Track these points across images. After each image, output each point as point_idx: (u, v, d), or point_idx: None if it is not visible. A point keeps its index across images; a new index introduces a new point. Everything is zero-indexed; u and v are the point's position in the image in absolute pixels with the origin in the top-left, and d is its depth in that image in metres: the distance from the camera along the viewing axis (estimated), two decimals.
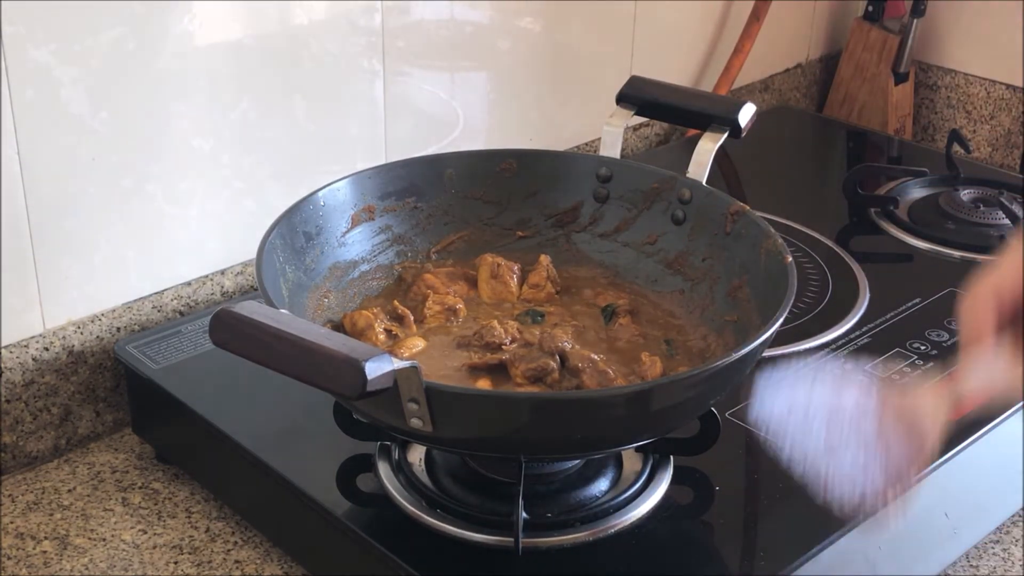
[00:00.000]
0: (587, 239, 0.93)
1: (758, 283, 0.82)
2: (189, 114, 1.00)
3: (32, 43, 0.89)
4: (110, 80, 0.94)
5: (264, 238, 0.79)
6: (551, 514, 0.78)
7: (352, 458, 0.84)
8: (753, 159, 1.36)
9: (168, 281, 1.04)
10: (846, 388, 0.65)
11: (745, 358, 0.70)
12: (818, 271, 1.11)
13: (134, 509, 0.92)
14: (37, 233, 0.94)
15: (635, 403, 0.70)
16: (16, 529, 0.90)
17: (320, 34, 1.06)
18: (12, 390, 0.95)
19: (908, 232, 1.20)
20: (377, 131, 1.14)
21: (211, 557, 0.87)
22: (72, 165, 0.94)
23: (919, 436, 0.63)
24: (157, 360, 0.95)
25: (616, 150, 0.94)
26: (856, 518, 0.78)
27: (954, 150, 1.30)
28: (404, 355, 0.80)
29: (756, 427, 0.88)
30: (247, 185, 1.06)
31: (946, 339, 0.99)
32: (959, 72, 1.55)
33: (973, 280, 0.64)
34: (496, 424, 0.69)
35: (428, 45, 1.16)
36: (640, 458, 0.83)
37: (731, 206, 0.86)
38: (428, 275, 0.89)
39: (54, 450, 0.99)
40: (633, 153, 1.42)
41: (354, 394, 0.61)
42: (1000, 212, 1.19)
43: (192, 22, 0.97)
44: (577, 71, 1.32)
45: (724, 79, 1.47)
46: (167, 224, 1.02)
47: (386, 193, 0.91)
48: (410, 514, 0.79)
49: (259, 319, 0.64)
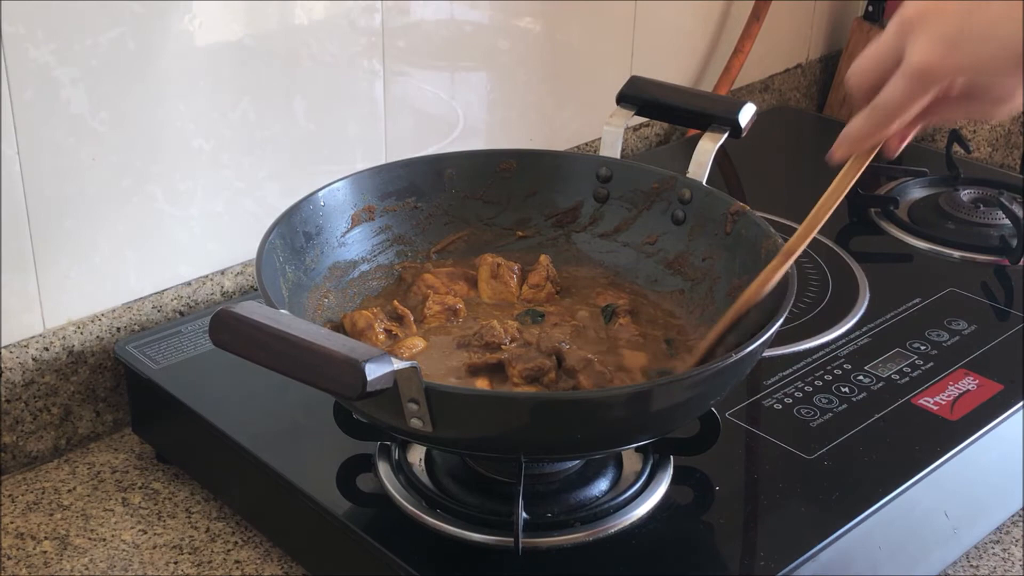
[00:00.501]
0: (587, 239, 0.93)
1: None
2: (189, 114, 1.00)
3: (32, 43, 0.89)
4: (110, 80, 0.94)
5: (264, 238, 0.79)
6: (551, 514, 0.78)
7: (352, 458, 0.84)
8: (753, 159, 1.36)
9: (168, 281, 1.04)
10: None
11: (745, 358, 0.70)
12: (818, 271, 1.11)
13: (134, 509, 0.92)
14: (37, 233, 0.94)
15: (635, 403, 0.70)
16: (16, 529, 0.90)
17: (320, 34, 1.06)
18: (12, 390, 0.95)
19: (908, 232, 1.20)
20: (377, 131, 1.14)
21: (211, 557, 0.87)
22: (72, 165, 0.94)
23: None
24: (157, 360, 0.95)
25: (616, 150, 0.94)
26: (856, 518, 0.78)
27: (954, 150, 1.30)
28: (404, 355, 0.80)
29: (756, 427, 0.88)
30: (247, 185, 1.06)
31: (946, 339, 0.99)
32: None
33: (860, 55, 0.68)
34: (496, 424, 0.69)
35: (428, 45, 1.16)
36: (640, 458, 0.83)
37: (731, 206, 0.86)
38: (428, 275, 0.89)
39: (54, 450, 0.99)
40: (633, 153, 1.42)
41: (354, 394, 0.61)
42: (1000, 212, 1.19)
43: (192, 22, 0.97)
44: (577, 71, 1.32)
45: (724, 79, 1.47)
46: (167, 224, 1.02)
47: (386, 193, 0.91)
48: (410, 514, 0.79)
49: (259, 319, 0.64)
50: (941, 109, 0.65)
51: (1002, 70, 0.61)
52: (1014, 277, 1.11)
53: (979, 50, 0.61)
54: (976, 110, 0.65)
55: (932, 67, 0.62)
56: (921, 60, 0.62)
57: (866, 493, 0.81)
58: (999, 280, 1.11)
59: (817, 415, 0.89)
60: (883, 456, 0.85)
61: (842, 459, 0.84)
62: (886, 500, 0.80)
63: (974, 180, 1.29)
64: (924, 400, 0.91)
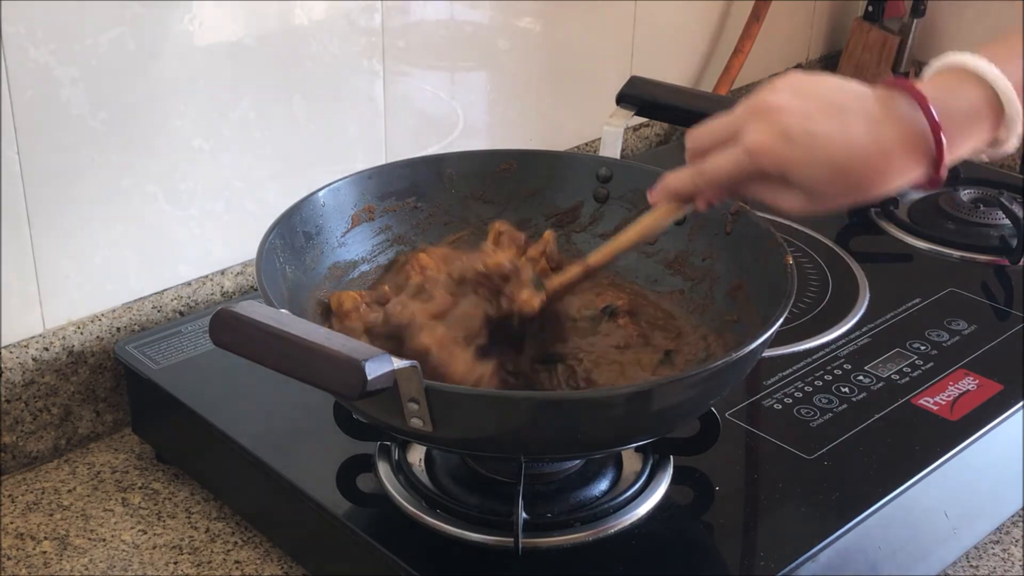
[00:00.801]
0: (587, 239, 0.93)
1: (758, 283, 0.82)
2: (189, 114, 1.00)
3: (32, 43, 0.89)
4: (110, 80, 0.94)
5: (264, 238, 0.79)
6: (551, 514, 0.78)
7: (352, 458, 0.84)
8: None
9: (168, 281, 1.04)
10: None
11: (745, 358, 0.70)
12: (818, 271, 1.11)
13: (134, 509, 0.92)
14: (37, 233, 0.94)
15: (635, 403, 0.70)
16: (16, 529, 0.90)
17: (320, 34, 1.06)
18: (12, 390, 0.95)
19: (908, 232, 1.20)
20: (377, 131, 1.14)
21: (211, 557, 0.87)
22: (72, 165, 0.94)
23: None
24: (157, 360, 0.95)
25: (616, 150, 0.94)
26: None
27: None
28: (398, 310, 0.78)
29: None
30: (247, 185, 1.06)
31: (946, 339, 0.99)
32: None
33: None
34: (496, 424, 0.69)
35: (428, 45, 1.16)
36: (640, 458, 0.83)
37: (731, 206, 0.86)
38: (423, 255, 0.86)
39: (54, 450, 0.99)
40: (633, 153, 1.42)
41: (354, 394, 0.61)
42: (1000, 212, 1.19)
43: (192, 22, 0.97)
44: (577, 71, 1.32)
45: (724, 79, 1.47)
46: (167, 224, 1.02)
47: (386, 193, 0.91)
48: (410, 514, 0.79)
49: (259, 319, 0.64)
50: (757, 189, 0.71)
51: (819, 176, 0.67)
52: (1014, 277, 1.11)
53: (805, 152, 0.67)
54: (787, 201, 0.70)
55: (763, 152, 0.68)
56: (755, 142, 0.68)
57: (866, 493, 0.81)
58: (999, 280, 1.11)
59: (817, 415, 0.89)
60: (883, 456, 0.85)
61: (842, 459, 0.84)
62: (886, 500, 0.80)
63: (974, 180, 1.29)
64: (924, 400, 0.91)
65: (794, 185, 0.68)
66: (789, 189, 0.69)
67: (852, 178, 0.67)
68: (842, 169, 0.67)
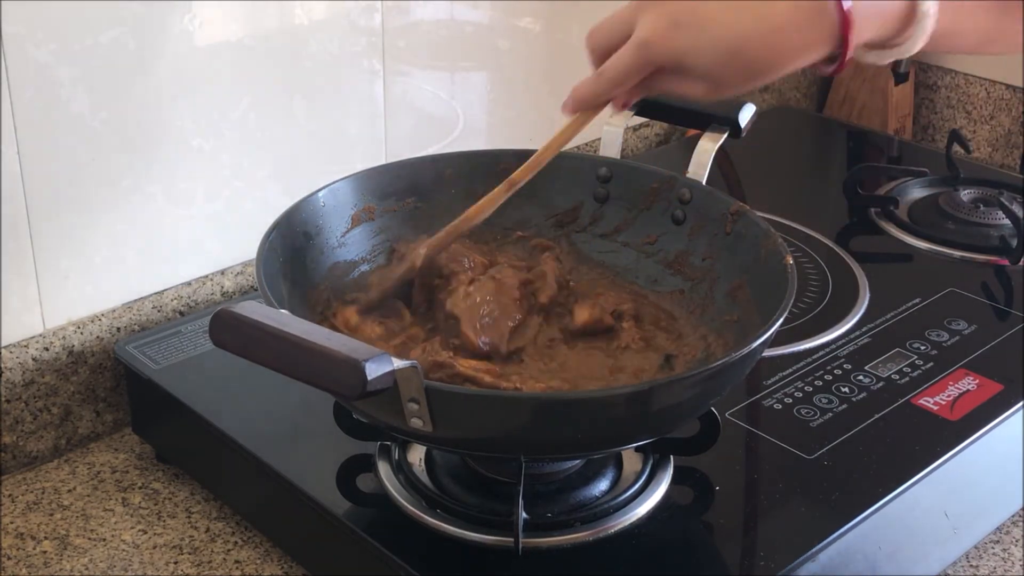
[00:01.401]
0: (587, 239, 0.93)
1: (758, 283, 0.82)
2: (189, 114, 1.00)
3: (32, 43, 0.89)
4: (110, 80, 0.94)
5: (264, 238, 0.79)
6: (551, 514, 0.78)
7: (352, 458, 0.84)
8: (753, 159, 1.36)
9: (168, 281, 1.04)
10: None
11: (745, 358, 0.70)
12: (818, 271, 1.11)
13: (134, 509, 0.92)
14: (37, 233, 0.94)
15: (635, 403, 0.70)
16: (16, 529, 0.90)
17: (320, 34, 1.06)
18: (12, 390, 0.95)
19: (908, 232, 1.20)
20: (377, 131, 1.14)
21: (211, 557, 0.87)
22: (72, 165, 0.94)
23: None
24: (157, 360, 0.95)
25: (616, 150, 0.94)
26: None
27: (954, 150, 1.30)
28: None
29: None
30: (247, 185, 1.06)
31: (946, 339, 0.99)
32: (959, 72, 1.55)
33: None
34: (496, 424, 0.69)
35: (428, 45, 1.16)
36: (640, 458, 0.83)
37: (731, 206, 0.86)
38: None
39: (54, 450, 0.99)
40: (633, 153, 1.42)
41: (354, 394, 0.61)
42: (1000, 212, 1.19)
43: (192, 22, 0.97)
44: (577, 71, 1.31)
45: None
46: (167, 224, 1.02)
47: (386, 193, 0.91)
48: (410, 514, 0.79)
49: (259, 319, 0.64)
50: (661, 82, 0.71)
51: (712, 60, 0.68)
52: (1014, 277, 1.11)
53: (695, 37, 0.68)
54: (691, 89, 0.70)
55: (654, 42, 0.68)
56: (646, 35, 0.69)
57: (866, 493, 0.81)
58: (999, 280, 1.11)
59: (817, 415, 0.89)
60: (883, 456, 0.85)
61: (842, 459, 0.84)
62: (886, 500, 0.80)
63: (974, 180, 1.29)
64: (924, 400, 0.91)
65: (692, 73, 0.69)
66: (690, 78, 0.69)
67: (747, 59, 0.67)
68: (735, 51, 0.67)
